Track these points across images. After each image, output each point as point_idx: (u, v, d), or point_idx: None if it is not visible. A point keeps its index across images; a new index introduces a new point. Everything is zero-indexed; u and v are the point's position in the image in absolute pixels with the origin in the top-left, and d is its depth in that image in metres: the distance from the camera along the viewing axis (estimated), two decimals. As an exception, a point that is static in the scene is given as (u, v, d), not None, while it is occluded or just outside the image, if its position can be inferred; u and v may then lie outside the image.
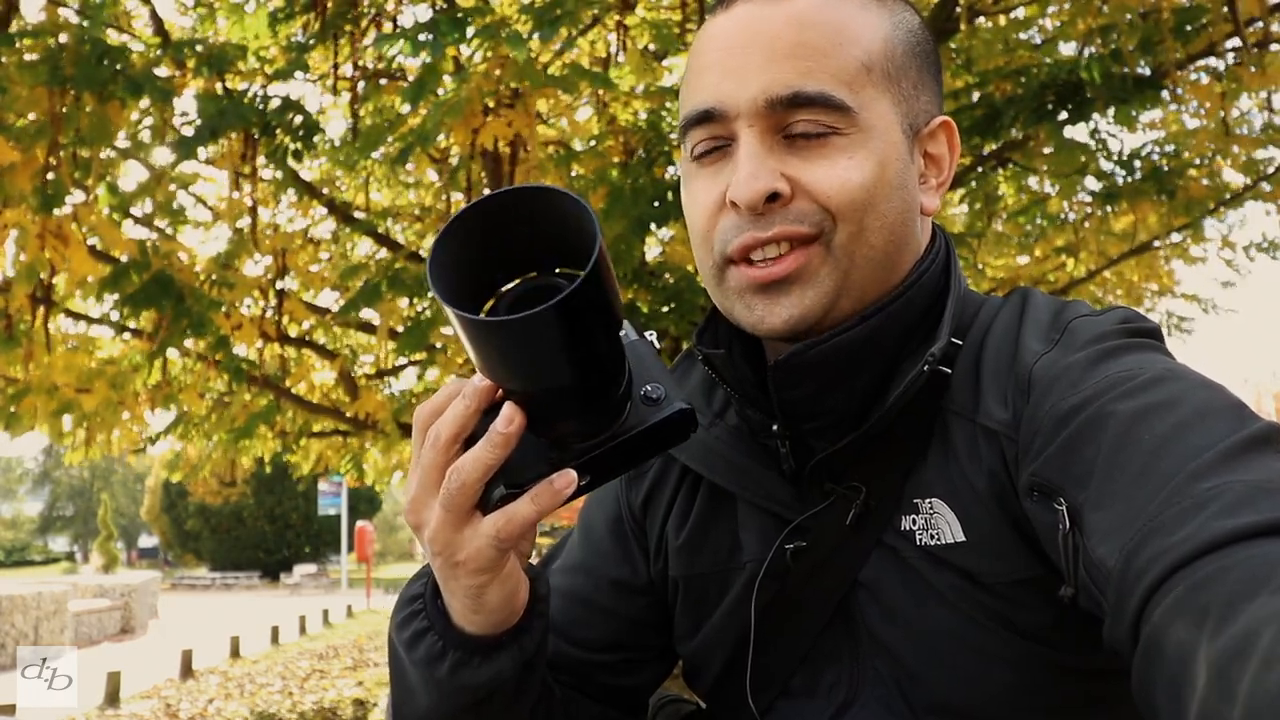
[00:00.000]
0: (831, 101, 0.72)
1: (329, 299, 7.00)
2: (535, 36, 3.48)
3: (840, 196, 0.73)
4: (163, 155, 5.25)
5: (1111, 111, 4.35)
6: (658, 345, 0.70)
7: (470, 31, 3.65)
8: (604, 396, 0.62)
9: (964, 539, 0.73)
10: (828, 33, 0.73)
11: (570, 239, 0.57)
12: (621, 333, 0.68)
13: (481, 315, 0.57)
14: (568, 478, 0.63)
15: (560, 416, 0.63)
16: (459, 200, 5.64)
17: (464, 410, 0.64)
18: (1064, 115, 4.32)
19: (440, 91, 4.07)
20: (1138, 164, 5.49)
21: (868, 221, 0.74)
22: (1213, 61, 4.86)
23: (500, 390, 0.63)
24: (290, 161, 4.92)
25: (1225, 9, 4.11)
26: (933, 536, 0.75)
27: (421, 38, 3.58)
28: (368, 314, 6.19)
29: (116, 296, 4.96)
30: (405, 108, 4.30)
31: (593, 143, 5.17)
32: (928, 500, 0.75)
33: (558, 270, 0.61)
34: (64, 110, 4.26)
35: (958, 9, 4.63)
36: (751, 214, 0.73)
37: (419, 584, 0.74)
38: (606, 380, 0.61)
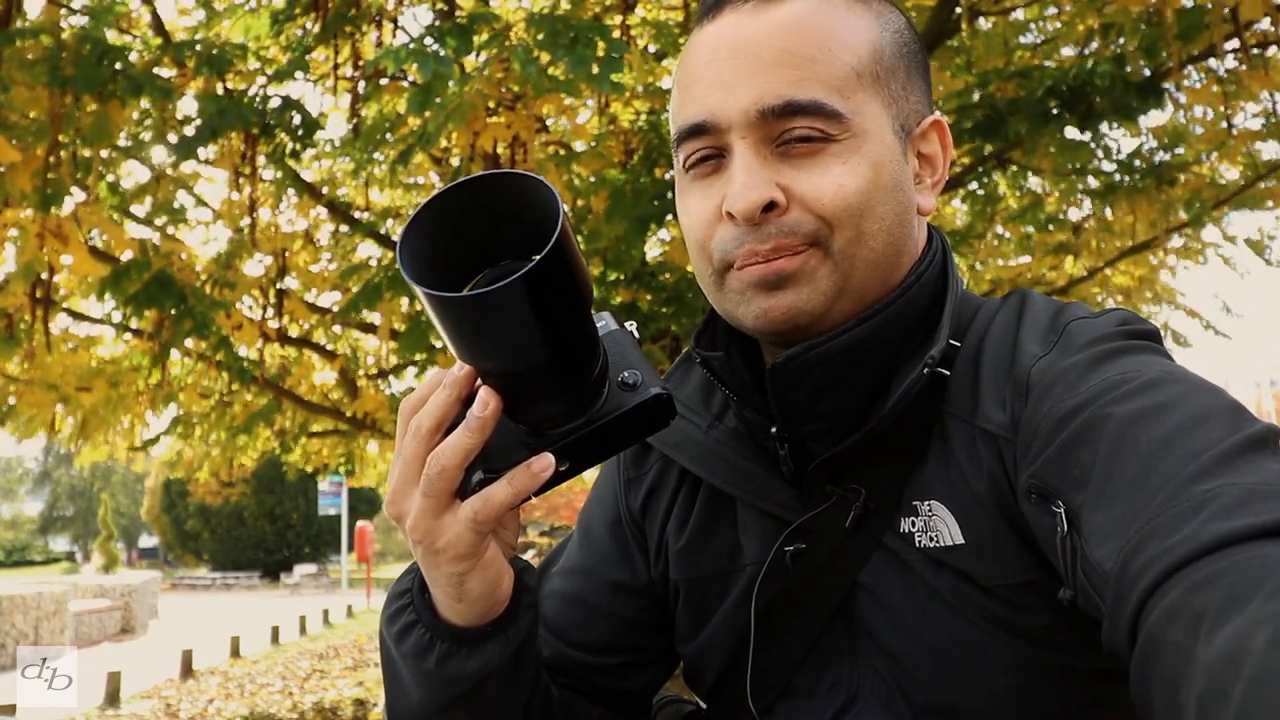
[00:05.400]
0: (823, 109, 0.72)
1: (329, 299, 7.01)
2: (550, 53, 3.47)
3: (835, 204, 0.73)
4: (163, 154, 5.26)
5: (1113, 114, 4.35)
6: (637, 335, 0.71)
7: (476, 41, 3.65)
8: (578, 378, 0.63)
9: (962, 542, 0.74)
10: (815, 39, 0.73)
11: (537, 221, 0.58)
12: (600, 324, 0.69)
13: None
14: (545, 461, 0.64)
15: (536, 399, 0.64)
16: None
17: (444, 400, 0.65)
18: (1068, 121, 4.31)
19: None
20: (1137, 163, 5.49)
21: (865, 226, 0.74)
22: (1212, 64, 4.86)
23: (478, 380, 0.64)
24: (290, 161, 4.92)
25: (1227, 10, 4.11)
26: (932, 539, 0.75)
27: (427, 42, 3.59)
28: (368, 314, 6.19)
29: (117, 296, 4.97)
30: (408, 110, 4.30)
31: (594, 143, 5.17)
32: (927, 503, 0.75)
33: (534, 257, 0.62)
34: (64, 109, 4.26)
35: (958, 9, 4.62)
36: (748, 224, 0.73)
37: (407, 579, 0.75)
38: (579, 360, 0.62)
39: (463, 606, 0.70)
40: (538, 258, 0.54)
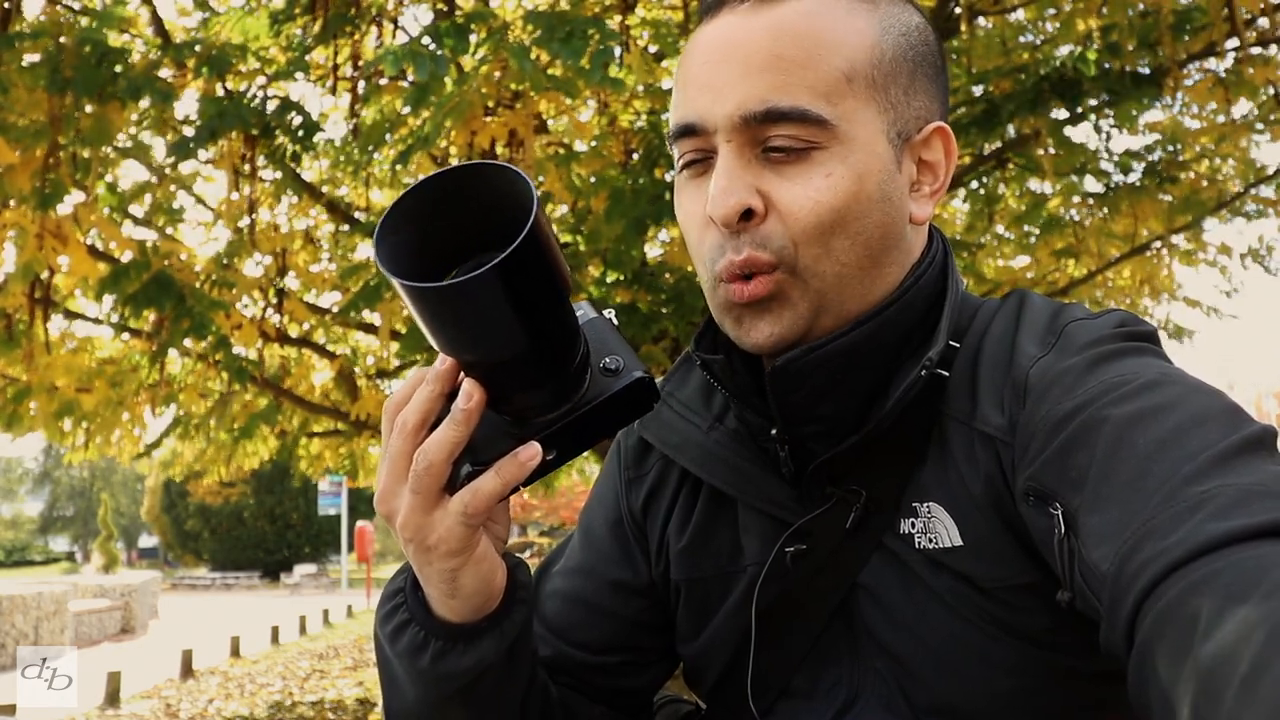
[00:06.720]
0: (807, 116, 0.72)
1: (329, 299, 7.01)
2: (546, 48, 3.48)
3: (806, 221, 0.72)
4: (162, 155, 5.26)
5: (1111, 112, 4.36)
6: (615, 321, 0.71)
7: (474, 39, 3.66)
8: (559, 366, 0.63)
9: (961, 543, 0.74)
10: (806, 44, 0.73)
11: (513, 211, 0.58)
12: (579, 311, 0.69)
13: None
14: (531, 449, 0.64)
15: (519, 389, 0.64)
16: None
17: (428, 395, 0.65)
18: (1061, 108, 4.33)
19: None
20: (1136, 164, 5.50)
21: (834, 243, 0.73)
22: (1211, 63, 4.87)
23: (461, 374, 0.64)
24: (290, 163, 4.92)
25: (1225, 10, 4.11)
26: (931, 540, 0.75)
27: (424, 41, 3.59)
28: (369, 314, 6.18)
29: (116, 296, 4.97)
30: (406, 109, 4.30)
31: (594, 143, 5.17)
32: (925, 504, 0.76)
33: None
34: (64, 111, 4.27)
35: (957, 9, 4.63)
36: (728, 230, 0.74)
37: (400, 578, 0.75)
38: (559, 348, 0.62)
39: (456, 603, 0.70)
40: (509, 249, 0.55)
